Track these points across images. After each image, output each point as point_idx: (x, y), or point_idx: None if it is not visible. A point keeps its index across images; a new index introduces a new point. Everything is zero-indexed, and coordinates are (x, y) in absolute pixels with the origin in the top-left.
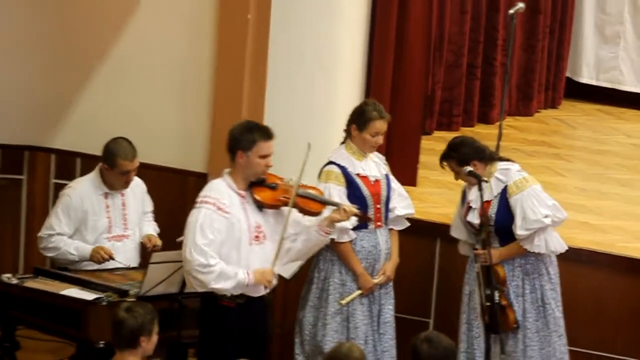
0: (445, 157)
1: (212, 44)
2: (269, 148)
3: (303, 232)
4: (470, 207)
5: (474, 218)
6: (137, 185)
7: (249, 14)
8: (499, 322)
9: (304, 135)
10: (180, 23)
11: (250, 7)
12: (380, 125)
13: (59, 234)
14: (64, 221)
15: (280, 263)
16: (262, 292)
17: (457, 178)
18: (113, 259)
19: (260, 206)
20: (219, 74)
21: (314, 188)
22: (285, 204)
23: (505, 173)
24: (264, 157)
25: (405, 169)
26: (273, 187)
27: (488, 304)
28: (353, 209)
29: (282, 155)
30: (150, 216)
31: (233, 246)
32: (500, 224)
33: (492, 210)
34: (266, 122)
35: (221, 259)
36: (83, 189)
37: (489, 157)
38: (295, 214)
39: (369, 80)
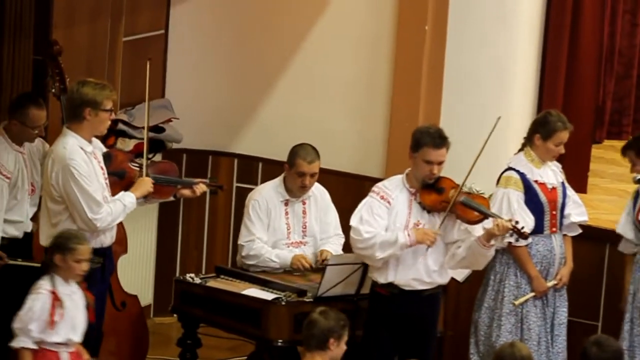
0: (628, 146)
1: (390, 55)
2: (436, 156)
3: (467, 240)
4: None
5: None
6: (321, 195)
7: (426, 25)
8: None
9: (478, 143)
10: (360, 34)
11: (427, 18)
12: (564, 136)
13: (258, 238)
14: (258, 225)
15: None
16: (414, 286)
17: (632, 171)
18: (312, 267)
19: (423, 207)
20: (397, 83)
21: (480, 198)
22: (445, 209)
23: None
24: (429, 162)
25: (576, 177)
26: (439, 191)
27: None
28: (508, 224)
29: (455, 161)
30: (336, 239)
31: None
32: None
33: None
34: None
35: None
36: (268, 193)
37: None
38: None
39: (542, 91)
